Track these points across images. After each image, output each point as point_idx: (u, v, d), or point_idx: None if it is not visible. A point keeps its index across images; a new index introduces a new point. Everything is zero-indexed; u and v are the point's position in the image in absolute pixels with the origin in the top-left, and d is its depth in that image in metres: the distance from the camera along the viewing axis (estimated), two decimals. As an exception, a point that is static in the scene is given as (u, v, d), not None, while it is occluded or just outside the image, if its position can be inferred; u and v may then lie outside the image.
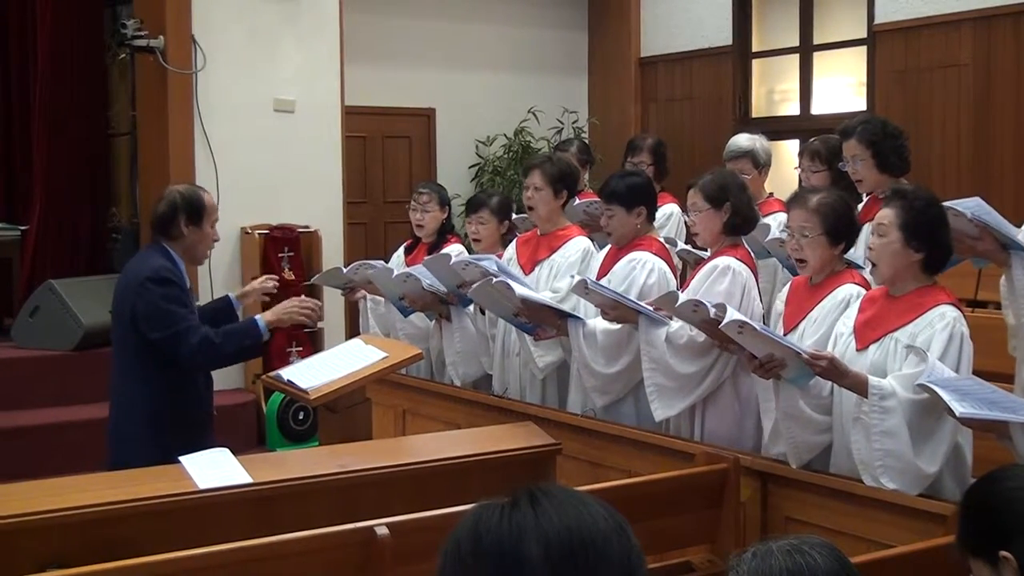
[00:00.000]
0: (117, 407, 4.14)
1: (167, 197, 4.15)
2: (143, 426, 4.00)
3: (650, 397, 4.03)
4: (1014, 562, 1.92)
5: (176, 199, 4.12)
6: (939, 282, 3.42)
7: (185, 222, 4.09)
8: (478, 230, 5.16)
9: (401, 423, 5.12)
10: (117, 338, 4.17)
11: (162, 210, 4.11)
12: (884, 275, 3.39)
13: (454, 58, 9.03)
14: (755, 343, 3.33)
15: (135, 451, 3.83)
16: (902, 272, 3.36)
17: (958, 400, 2.93)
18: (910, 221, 3.31)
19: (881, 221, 3.36)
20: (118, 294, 4.15)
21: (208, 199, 4.21)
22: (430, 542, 1.76)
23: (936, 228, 3.36)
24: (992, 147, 6.96)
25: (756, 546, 1.67)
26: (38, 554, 2.85)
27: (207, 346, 3.99)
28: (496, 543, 1.28)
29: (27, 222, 7.69)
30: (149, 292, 3.96)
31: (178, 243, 4.11)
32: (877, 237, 3.36)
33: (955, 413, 2.92)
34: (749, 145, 5.45)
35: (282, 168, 7.26)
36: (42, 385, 6.60)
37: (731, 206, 4.05)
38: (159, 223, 4.12)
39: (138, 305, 3.98)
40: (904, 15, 7.35)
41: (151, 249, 4.15)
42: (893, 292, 3.41)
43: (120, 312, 4.11)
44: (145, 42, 6.77)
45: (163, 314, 3.96)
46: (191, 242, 4.13)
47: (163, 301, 3.97)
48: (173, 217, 4.09)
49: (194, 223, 4.11)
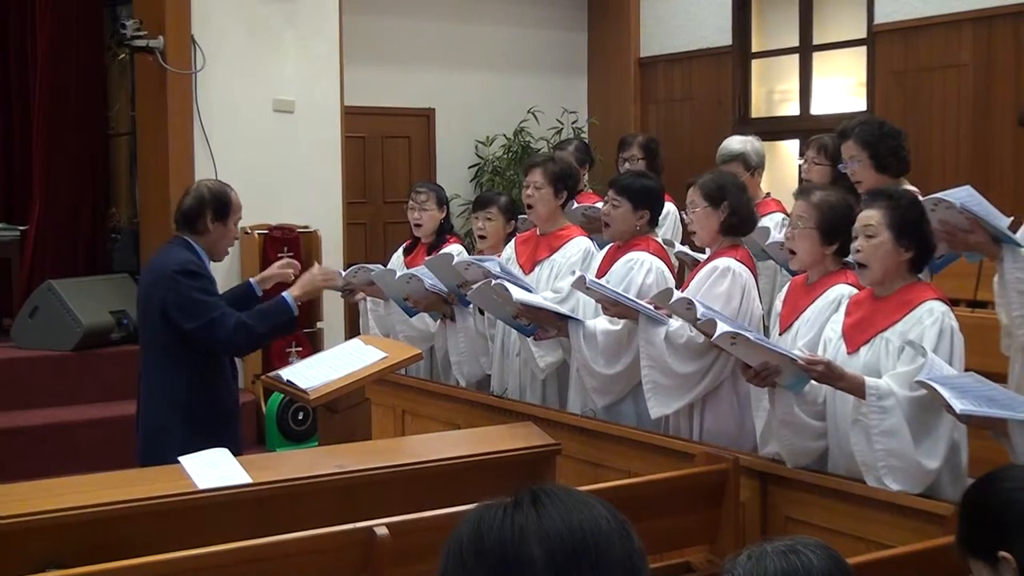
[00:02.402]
0: (148, 402, 4.16)
1: (195, 191, 4.18)
2: (176, 418, 4.03)
3: (647, 395, 4.04)
4: (1013, 562, 1.92)
5: (204, 194, 4.15)
6: (923, 279, 3.44)
7: (212, 218, 4.12)
8: (484, 227, 5.16)
9: (400, 423, 5.12)
10: (146, 332, 4.20)
11: (189, 204, 4.14)
12: (875, 276, 3.39)
13: (453, 58, 9.03)
14: (749, 353, 3.33)
15: (169, 443, 3.84)
16: (891, 272, 3.37)
17: (958, 397, 2.93)
18: (899, 220, 3.33)
19: (868, 223, 3.36)
20: (144, 289, 4.20)
21: (235, 196, 4.23)
22: (430, 542, 1.76)
23: (923, 225, 3.39)
24: (992, 147, 6.96)
25: (751, 548, 1.68)
26: (38, 554, 2.85)
27: (243, 329, 4.05)
28: (498, 544, 1.28)
29: (27, 222, 7.68)
30: (179, 285, 3.99)
31: (202, 238, 4.14)
32: (865, 239, 3.36)
33: (955, 410, 2.92)
34: (740, 148, 5.46)
35: (282, 168, 7.26)
36: (42, 385, 6.60)
37: (729, 205, 4.06)
38: (185, 217, 4.14)
39: (169, 298, 4.01)
40: (904, 15, 7.35)
41: (176, 243, 4.17)
42: (879, 293, 3.42)
43: (148, 307, 4.14)
44: (145, 42, 6.77)
45: (196, 304, 4.00)
46: (215, 238, 4.16)
47: (195, 292, 4.01)
48: (200, 212, 4.11)
49: (220, 219, 4.14)
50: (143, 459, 4.01)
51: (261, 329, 4.13)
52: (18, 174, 8.01)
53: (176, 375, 4.06)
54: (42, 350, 6.77)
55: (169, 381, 4.06)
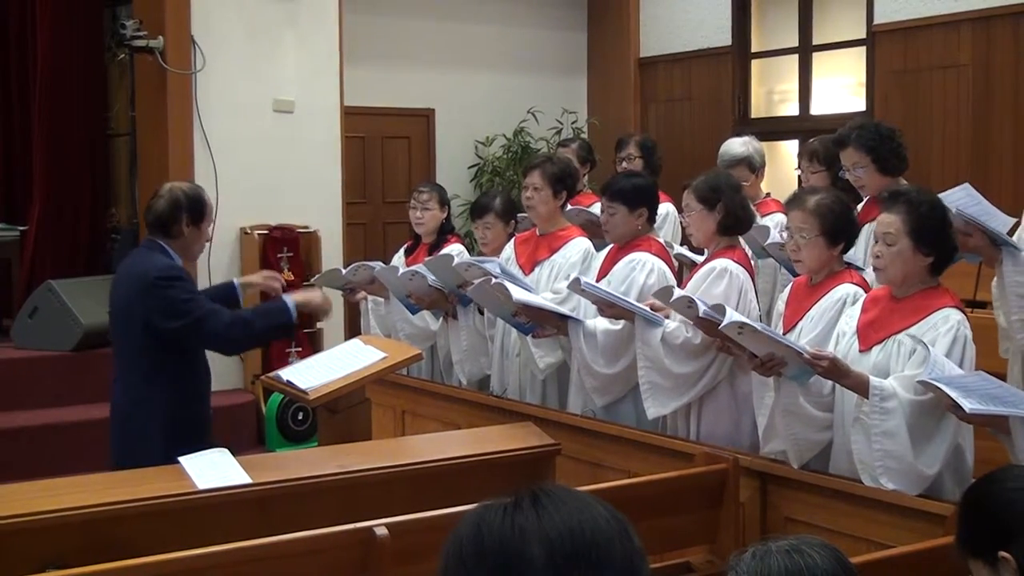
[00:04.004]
0: (121, 406, 4.12)
1: (168, 195, 4.10)
2: (151, 424, 3.99)
3: (644, 395, 4.04)
4: (1013, 563, 1.92)
5: (180, 198, 4.08)
6: (941, 283, 3.42)
7: (187, 221, 4.07)
8: (485, 234, 5.16)
9: (401, 423, 5.13)
10: (121, 338, 4.15)
11: (164, 208, 4.07)
12: (895, 281, 3.37)
13: (453, 58, 9.03)
14: (755, 343, 3.33)
15: (143, 449, 3.83)
16: (911, 276, 3.36)
17: (964, 396, 2.92)
18: (918, 227, 3.30)
19: (888, 230, 3.32)
20: (119, 295, 4.13)
21: (208, 199, 4.20)
22: (430, 542, 1.76)
23: (944, 230, 3.35)
24: (991, 147, 6.96)
25: (755, 546, 1.67)
26: (38, 554, 2.85)
27: (240, 323, 4.04)
28: (498, 544, 1.28)
29: (26, 222, 7.68)
30: (162, 290, 3.94)
31: (176, 241, 4.09)
32: (885, 246, 3.33)
33: (964, 409, 2.90)
34: (743, 151, 5.46)
35: (281, 168, 7.26)
36: (41, 385, 6.60)
37: (724, 207, 4.06)
38: (160, 221, 4.07)
39: (150, 304, 3.95)
40: (903, 15, 7.35)
41: (149, 248, 4.11)
42: (897, 293, 3.40)
43: (124, 314, 4.08)
44: (144, 42, 6.77)
45: (181, 305, 3.96)
46: (189, 241, 4.11)
47: (181, 294, 3.97)
48: (176, 216, 4.06)
49: (196, 223, 4.09)
50: (116, 466, 3.93)
51: (259, 325, 4.11)
52: (18, 174, 8.00)
53: (152, 382, 4.01)
54: (42, 350, 6.77)
55: (146, 388, 4.01)
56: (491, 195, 5.37)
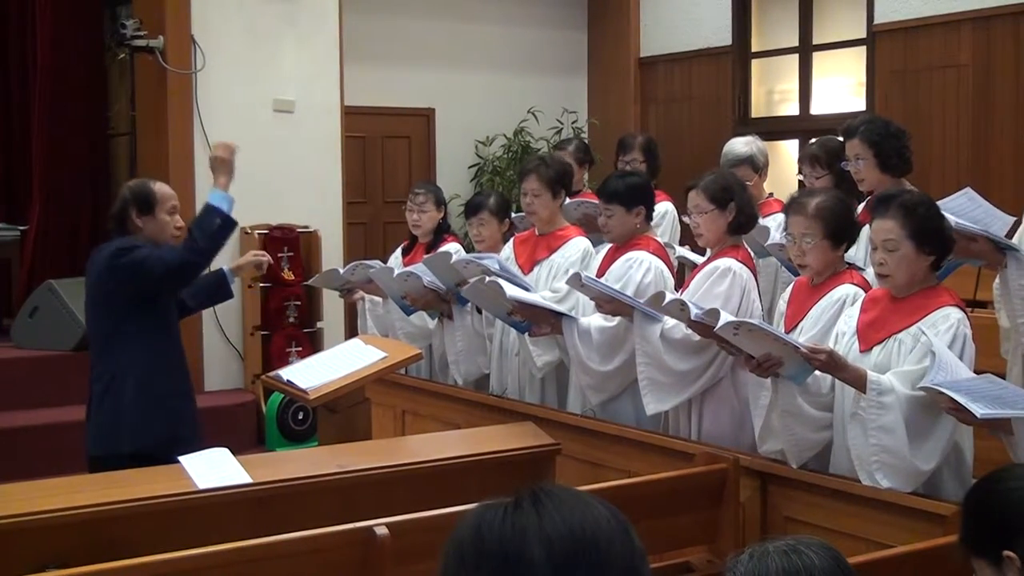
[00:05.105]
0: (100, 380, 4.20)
1: (118, 195, 4.29)
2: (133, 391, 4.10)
3: (642, 391, 4.03)
4: (1018, 561, 1.92)
5: (125, 194, 4.24)
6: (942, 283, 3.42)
7: (137, 214, 4.17)
8: (480, 232, 5.15)
9: (400, 423, 5.12)
10: (95, 324, 4.26)
11: (114, 208, 4.25)
12: (900, 285, 3.37)
13: (453, 58, 9.03)
14: (751, 343, 3.32)
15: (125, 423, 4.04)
16: (916, 277, 3.36)
17: (973, 401, 2.91)
18: (918, 229, 3.29)
19: (888, 236, 3.31)
20: (91, 283, 4.25)
21: (159, 188, 4.27)
22: (430, 542, 1.76)
23: (941, 227, 3.36)
24: (991, 147, 6.96)
25: (753, 547, 1.67)
26: (38, 554, 2.85)
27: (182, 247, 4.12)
28: (498, 544, 1.28)
29: (27, 222, 7.69)
30: (120, 258, 4.07)
31: (140, 235, 4.18)
32: (887, 252, 3.32)
33: (976, 415, 2.89)
34: (747, 151, 5.44)
35: (282, 168, 7.26)
36: (41, 385, 6.60)
37: (736, 206, 4.04)
38: (115, 221, 4.23)
39: (115, 274, 4.07)
40: (903, 15, 7.35)
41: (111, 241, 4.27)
42: (897, 293, 3.40)
43: (95, 299, 4.22)
44: (144, 42, 6.77)
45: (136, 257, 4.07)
46: (150, 232, 4.19)
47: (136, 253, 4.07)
48: (125, 212, 4.19)
49: (146, 213, 4.18)
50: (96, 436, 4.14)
51: (196, 234, 4.15)
52: (18, 174, 8.01)
53: (130, 351, 4.11)
54: (42, 350, 6.77)
55: (125, 358, 4.12)
56: (485, 194, 5.39)
